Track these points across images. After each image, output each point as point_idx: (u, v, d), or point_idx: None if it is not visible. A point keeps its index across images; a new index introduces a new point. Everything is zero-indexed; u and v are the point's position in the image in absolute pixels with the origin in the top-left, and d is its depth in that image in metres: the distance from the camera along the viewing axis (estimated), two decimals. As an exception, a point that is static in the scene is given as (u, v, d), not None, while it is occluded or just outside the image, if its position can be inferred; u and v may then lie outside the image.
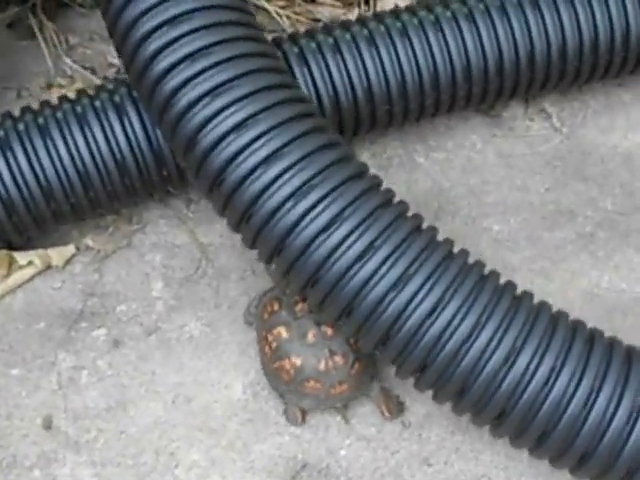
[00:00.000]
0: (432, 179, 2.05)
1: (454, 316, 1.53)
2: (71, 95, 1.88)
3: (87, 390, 1.81)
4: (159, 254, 1.95)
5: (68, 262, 1.94)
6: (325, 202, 1.53)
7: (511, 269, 1.92)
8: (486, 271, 1.62)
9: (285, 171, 1.54)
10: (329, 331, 1.73)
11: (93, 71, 2.11)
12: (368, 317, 1.55)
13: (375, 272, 1.53)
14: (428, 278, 1.54)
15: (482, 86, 1.97)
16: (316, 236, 1.53)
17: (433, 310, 1.53)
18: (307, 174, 1.54)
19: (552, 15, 1.96)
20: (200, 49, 1.58)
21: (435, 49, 1.93)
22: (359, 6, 2.18)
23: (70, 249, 1.94)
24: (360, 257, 1.53)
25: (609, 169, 2.07)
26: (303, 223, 1.53)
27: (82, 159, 1.81)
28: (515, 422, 1.56)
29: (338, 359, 1.73)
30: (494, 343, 1.52)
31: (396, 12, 1.98)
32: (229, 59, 1.58)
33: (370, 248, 1.53)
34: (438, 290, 1.53)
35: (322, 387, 1.74)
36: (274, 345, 1.76)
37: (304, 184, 1.54)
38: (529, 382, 1.52)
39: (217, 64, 1.57)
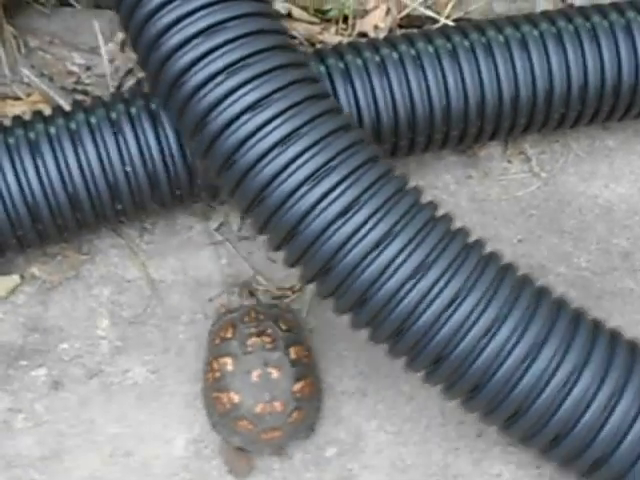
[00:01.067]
0: (400, 222, 1.79)
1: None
2: (25, 116, 1.63)
3: (22, 436, 1.60)
4: (107, 288, 1.71)
5: (12, 292, 1.70)
6: (342, 187, 1.35)
7: (476, 327, 1.70)
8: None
9: (301, 154, 1.35)
10: (274, 374, 1.54)
11: (51, 79, 1.82)
12: (384, 310, 1.37)
13: (391, 261, 1.35)
14: (447, 269, 1.37)
15: (461, 128, 1.72)
16: (332, 222, 1.35)
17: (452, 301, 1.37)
18: (323, 157, 1.36)
19: (540, 58, 1.70)
20: (214, 25, 1.37)
21: (414, 86, 1.67)
22: (337, 24, 1.89)
23: (14, 279, 1.70)
24: (376, 245, 1.35)
25: (587, 222, 1.82)
26: (318, 209, 1.35)
27: (32, 191, 1.56)
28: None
29: (277, 405, 1.54)
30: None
31: (374, 43, 1.71)
32: (244, 35, 1.38)
33: (388, 235, 1.35)
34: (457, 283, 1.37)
35: (254, 429, 1.55)
36: (217, 374, 1.57)
37: (320, 167, 1.36)
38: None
39: (231, 41, 1.37)
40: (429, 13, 1.91)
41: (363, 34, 1.88)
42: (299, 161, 1.36)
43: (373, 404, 1.65)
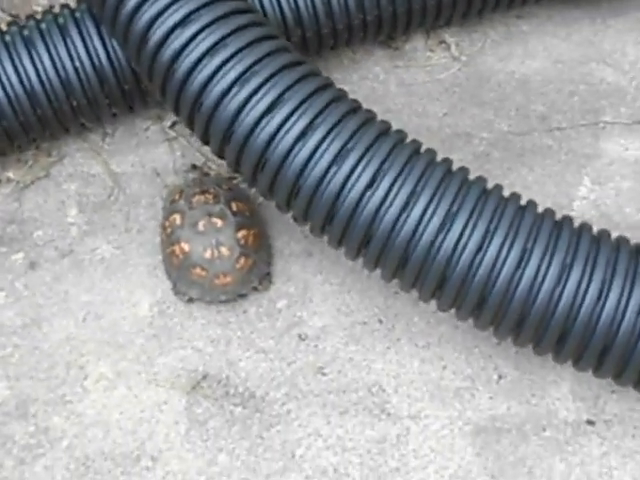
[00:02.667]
0: (336, 108, 1.98)
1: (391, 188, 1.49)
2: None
3: (4, 309, 1.78)
4: (75, 183, 1.90)
5: (-11, 193, 1.92)
6: (267, 87, 1.51)
7: (409, 190, 1.86)
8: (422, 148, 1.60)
9: (228, 60, 1.53)
10: (219, 223, 1.74)
11: (18, 18, 2.04)
12: (313, 193, 1.52)
13: (316, 149, 1.50)
14: (365, 152, 1.50)
15: (376, 14, 1.89)
16: (260, 118, 1.51)
17: (372, 182, 1.49)
18: (249, 61, 1.52)
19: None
20: None
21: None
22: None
23: (-10, 181, 1.91)
24: (301, 136, 1.50)
25: (505, 93, 2.00)
26: (248, 107, 1.51)
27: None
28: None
29: (224, 250, 1.72)
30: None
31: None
32: None
33: (310, 127, 1.51)
34: (375, 163, 1.50)
35: (207, 275, 1.73)
36: (169, 231, 1.76)
37: (247, 71, 1.52)
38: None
39: None
40: None
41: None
42: (226, 67, 1.52)
43: (318, 262, 1.82)
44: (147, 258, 1.82)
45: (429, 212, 1.48)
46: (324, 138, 1.50)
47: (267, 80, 1.52)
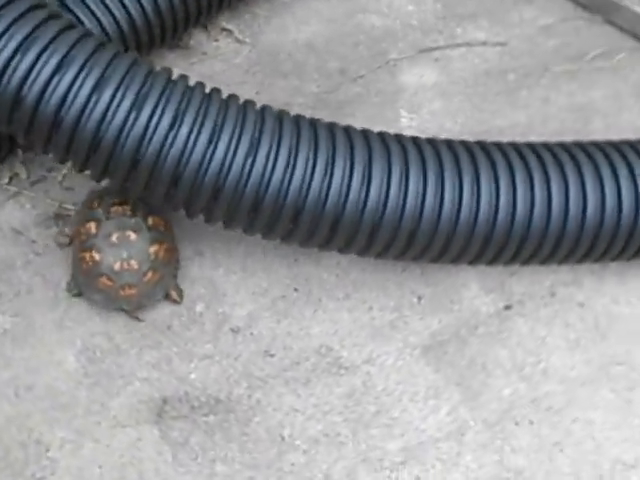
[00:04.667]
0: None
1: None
2: None
3: None
4: None
5: None
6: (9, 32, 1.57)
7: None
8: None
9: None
10: (132, 236, 1.75)
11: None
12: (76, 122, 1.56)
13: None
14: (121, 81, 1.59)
15: (171, 16, 1.96)
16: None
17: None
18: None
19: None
20: None
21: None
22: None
23: None
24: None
25: (300, 60, 2.14)
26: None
27: None
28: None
29: (133, 263, 1.74)
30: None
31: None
32: None
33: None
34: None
35: (113, 286, 1.74)
36: (83, 237, 1.76)
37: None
38: None
39: None
40: None
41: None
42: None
43: (212, 258, 1.86)
44: (49, 314, 1.75)
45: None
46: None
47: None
